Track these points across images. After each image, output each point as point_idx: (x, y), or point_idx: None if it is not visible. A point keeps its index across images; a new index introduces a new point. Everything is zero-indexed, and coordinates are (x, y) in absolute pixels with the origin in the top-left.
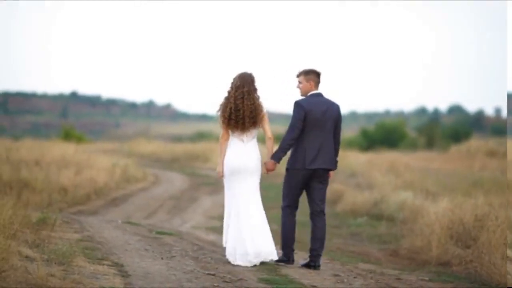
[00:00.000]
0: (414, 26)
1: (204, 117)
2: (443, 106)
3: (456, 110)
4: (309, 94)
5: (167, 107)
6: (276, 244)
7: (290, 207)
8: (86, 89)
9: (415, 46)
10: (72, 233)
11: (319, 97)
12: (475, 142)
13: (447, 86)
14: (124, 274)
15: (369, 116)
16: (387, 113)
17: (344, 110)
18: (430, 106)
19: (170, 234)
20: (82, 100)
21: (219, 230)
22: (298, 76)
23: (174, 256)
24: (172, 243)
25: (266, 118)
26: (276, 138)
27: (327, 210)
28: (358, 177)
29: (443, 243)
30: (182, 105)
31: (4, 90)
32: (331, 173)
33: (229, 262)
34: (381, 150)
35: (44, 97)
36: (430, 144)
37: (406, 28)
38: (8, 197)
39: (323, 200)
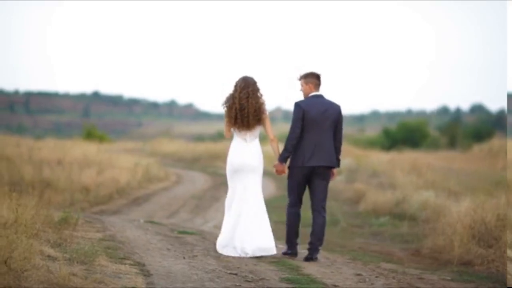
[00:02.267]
0: (435, 25)
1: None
2: (465, 106)
3: (478, 109)
4: (309, 95)
5: (189, 106)
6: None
7: (293, 203)
8: (108, 88)
9: (439, 45)
10: (94, 233)
11: (318, 98)
12: (498, 142)
13: (470, 85)
14: (146, 274)
15: (391, 116)
16: (409, 112)
17: (366, 109)
18: (452, 106)
19: (192, 233)
20: (104, 99)
21: None
22: (299, 79)
23: (196, 256)
24: (194, 243)
25: (268, 120)
26: None
27: (349, 209)
28: (380, 177)
29: (465, 242)
30: (204, 104)
31: (26, 90)
32: (334, 170)
33: (229, 256)
34: (403, 150)
35: (66, 96)
36: (452, 143)
37: (428, 27)
38: (30, 197)
39: (324, 196)
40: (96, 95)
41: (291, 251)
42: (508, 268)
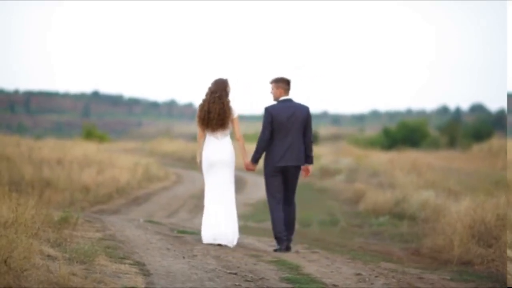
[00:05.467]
0: (435, 25)
1: None
2: (465, 105)
3: (478, 109)
4: (279, 99)
5: (189, 106)
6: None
7: (273, 200)
8: (108, 88)
9: (439, 45)
10: (94, 232)
11: (287, 102)
12: (497, 141)
13: (470, 85)
14: (146, 273)
15: (391, 115)
16: (409, 112)
17: (366, 109)
18: (452, 105)
19: (191, 233)
20: (104, 99)
21: (241, 229)
22: (270, 83)
23: (196, 255)
24: (194, 242)
25: (237, 121)
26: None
27: (349, 209)
28: (380, 176)
29: (465, 242)
30: None
31: (26, 90)
32: (309, 167)
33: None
34: (403, 149)
35: (66, 96)
36: (452, 143)
37: (428, 27)
38: (30, 196)
39: (294, 191)
40: (96, 95)
41: (280, 246)
42: (508, 268)
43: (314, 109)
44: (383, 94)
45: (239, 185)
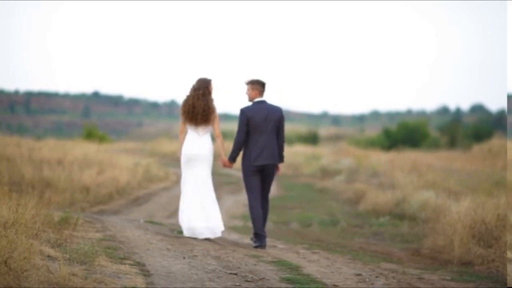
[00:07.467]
0: (436, 25)
1: (225, 117)
2: (465, 106)
3: (478, 109)
4: (254, 101)
5: None
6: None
7: (252, 198)
8: (108, 88)
9: (439, 45)
10: (94, 233)
11: (261, 104)
12: (497, 142)
13: (470, 85)
14: (146, 274)
15: (391, 116)
16: (409, 112)
17: (366, 109)
18: (452, 106)
19: None
20: (104, 99)
21: (241, 230)
22: (246, 84)
23: (196, 256)
24: (194, 243)
25: (217, 120)
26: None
27: (349, 209)
28: (380, 177)
29: (465, 242)
30: None
31: (26, 90)
32: (279, 166)
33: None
34: (403, 150)
35: (67, 96)
36: (452, 143)
37: (428, 27)
38: (30, 197)
39: (269, 188)
40: (96, 95)
41: (260, 243)
42: (508, 268)
43: (314, 109)
44: (384, 95)
45: (239, 185)
